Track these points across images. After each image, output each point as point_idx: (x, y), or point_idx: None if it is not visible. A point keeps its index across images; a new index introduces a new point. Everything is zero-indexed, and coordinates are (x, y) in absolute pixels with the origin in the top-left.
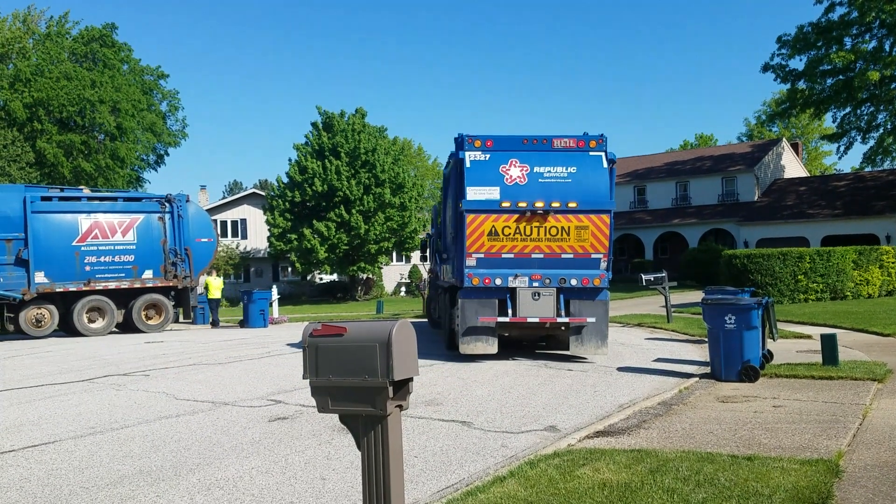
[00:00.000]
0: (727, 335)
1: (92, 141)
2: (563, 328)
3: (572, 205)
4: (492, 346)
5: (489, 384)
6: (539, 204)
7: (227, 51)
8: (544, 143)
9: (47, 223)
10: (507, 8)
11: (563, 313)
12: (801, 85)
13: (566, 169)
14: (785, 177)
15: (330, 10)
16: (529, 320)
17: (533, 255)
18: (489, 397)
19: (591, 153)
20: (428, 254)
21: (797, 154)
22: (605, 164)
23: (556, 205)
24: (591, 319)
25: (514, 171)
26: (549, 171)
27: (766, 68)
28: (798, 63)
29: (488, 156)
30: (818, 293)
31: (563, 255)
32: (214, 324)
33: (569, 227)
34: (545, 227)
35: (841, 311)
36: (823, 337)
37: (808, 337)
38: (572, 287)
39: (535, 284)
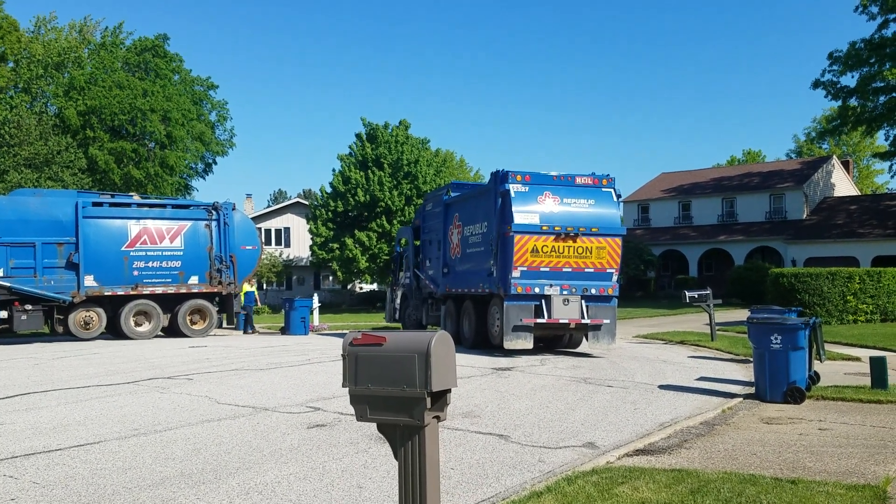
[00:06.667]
0: (773, 355)
1: (142, 149)
2: (583, 328)
3: (595, 229)
4: (529, 342)
5: (527, 398)
6: (570, 228)
7: (274, 62)
8: (569, 179)
9: (98, 228)
10: (551, 23)
11: (585, 316)
12: (853, 102)
13: (587, 201)
14: (835, 195)
15: (376, 23)
16: (561, 321)
17: (563, 269)
18: (527, 411)
19: (603, 189)
20: (403, 267)
21: (848, 172)
22: (615, 198)
23: (583, 229)
24: (606, 321)
25: (549, 201)
26: (574, 202)
27: (816, 85)
28: (850, 80)
29: (527, 188)
30: (868, 314)
31: (586, 270)
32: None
33: (591, 247)
34: (574, 246)
35: (891, 333)
36: (873, 359)
37: (857, 359)
38: (592, 295)
39: (565, 293)
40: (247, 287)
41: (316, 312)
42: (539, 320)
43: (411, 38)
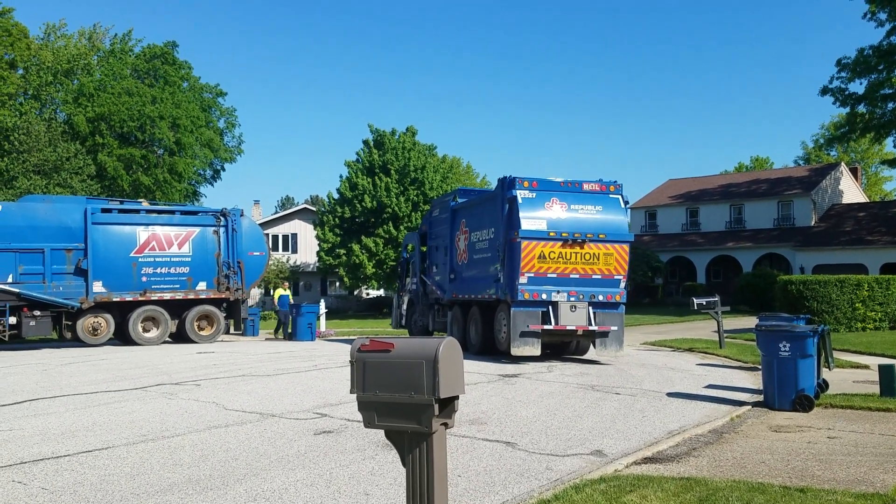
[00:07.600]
0: (781, 363)
1: (151, 155)
2: (590, 335)
3: (602, 236)
4: (537, 349)
5: (534, 405)
6: (578, 234)
7: (281, 69)
8: (576, 185)
9: (107, 234)
10: (558, 30)
11: (592, 322)
12: (861, 109)
13: (594, 207)
14: (843, 202)
15: (382, 29)
16: (568, 328)
17: (571, 276)
18: (534, 418)
19: (610, 195)
20: (409, 273)
21: (856, 179)
22: (623, 205)
23: (590, 235)
24: (613, 328)
25: (556, 208)
26: (582, 209)
27: (824, 91)
28: (858, 86)
29: (535, 194)
30: (876, 322)
31: (594, 276)
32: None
33: (599, 254)
34: (581, 253)
35: None
36: (882, 367)
37: (866, 367)
38: (599, 301)
39: (572, 299)
40: (281, 291)
41: (323, 318)
42: (546, 327)
43: (418, 44)
